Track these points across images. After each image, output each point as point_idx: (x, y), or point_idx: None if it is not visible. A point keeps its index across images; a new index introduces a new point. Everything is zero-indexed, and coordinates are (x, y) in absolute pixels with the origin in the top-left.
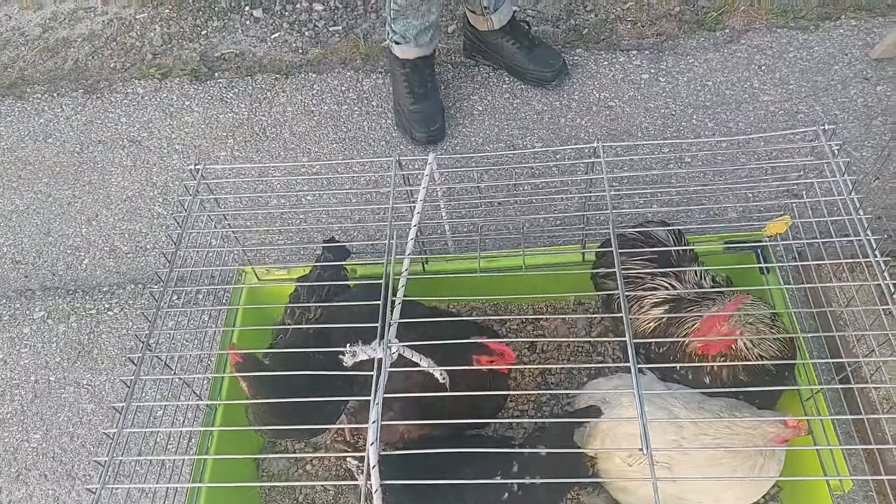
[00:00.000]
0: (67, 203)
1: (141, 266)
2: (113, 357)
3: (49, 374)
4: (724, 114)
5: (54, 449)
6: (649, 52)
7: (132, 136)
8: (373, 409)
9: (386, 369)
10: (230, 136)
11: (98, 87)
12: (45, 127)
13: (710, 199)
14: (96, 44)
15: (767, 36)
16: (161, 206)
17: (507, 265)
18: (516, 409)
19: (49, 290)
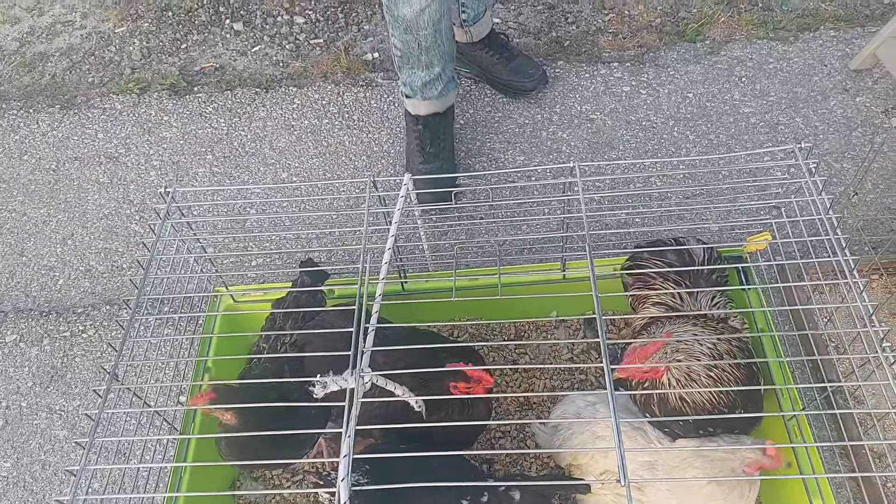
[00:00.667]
0: (42, 222)
1: (117, 286)
2: (87, 381)
3: (21, 399)
4: (704, 126)
5: (25, 478)
6: (630, 64)
7: (109, 153)
8: (344, 442)
9: (358, 400)
10: (209, 152)
11: (75, 103)
12: (21, 143)
13: (692, 214)
14: (74, 58)
15: (748, 47)
16: (138, 225)
17: (486, 283)
18: (498, 429)
19: (22, 311)
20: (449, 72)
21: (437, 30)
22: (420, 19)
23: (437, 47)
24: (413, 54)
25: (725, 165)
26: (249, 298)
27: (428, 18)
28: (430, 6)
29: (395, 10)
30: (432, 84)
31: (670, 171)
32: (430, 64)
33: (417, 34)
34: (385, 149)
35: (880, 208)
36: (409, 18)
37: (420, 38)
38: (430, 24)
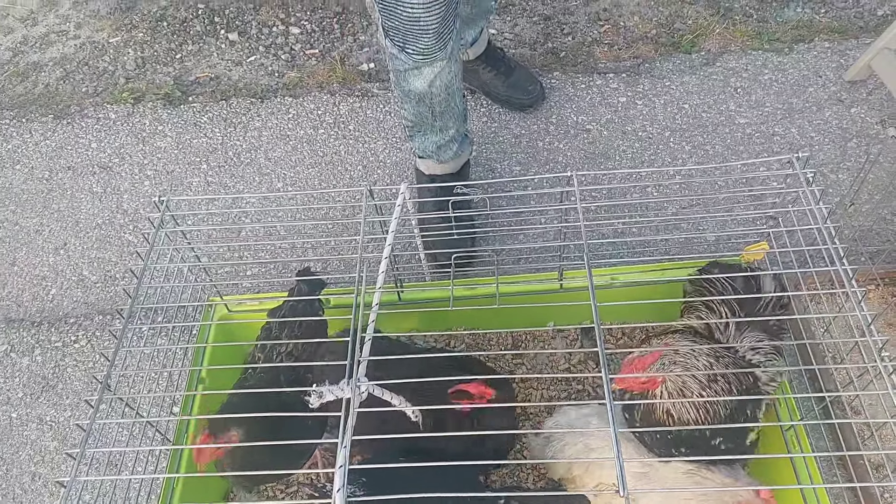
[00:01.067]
0: (35, 231)
1: (110, 296)
2: (78, 392)
3: (11, 410)
4: (700, 137)
5: (14, 489)
6: (626, 74)
7: (103, 162)
8: (340, 453)
9: (354, 410)
10: (203, 162)
11: (69, 112)
12: (14, 153)
13: (688, 224)
14: (68, 68)
15: (743, 58)
16: (132, 235)
17: (483, 293)
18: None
19: (13, 321)
20: (462, 130)
21: (449, 93)
22: (433, 88)
23: (450, 111)
24: (426, 122)
25: (722, 175)
26: (244, 308)
27: (440, 85)
28: (441, 73)
29: (405, 86)
30: (447, 146)
31: (667, 181)
32: (444, 128)
33: (431, 102)
34: (381, 159)
35: (876, 219)
36: (422, 90)
37: (434, 105)
38: (443, 90)
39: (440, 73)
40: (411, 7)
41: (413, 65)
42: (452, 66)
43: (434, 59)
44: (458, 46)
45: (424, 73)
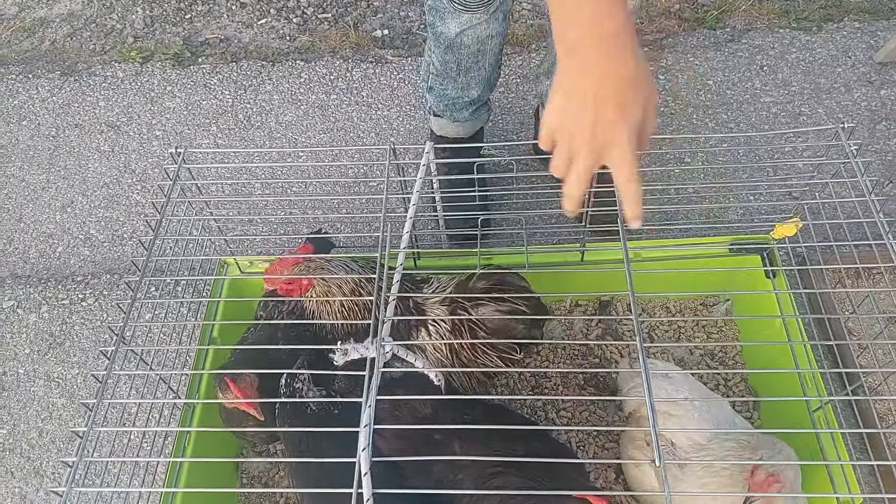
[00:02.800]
0: (41, 188)
1: (117, 255)
2: (86, 350)
3: (18, 366)
4: (724, 114)
5: (22, 445)
6: (649, 49)
7: (111, 121)
8: (364, 412)
9: (379, 369)
10: (213, 124)
11: (76, 70)
12: (20, 109)
13: (712, 200)
14: (75, 25)
15: (769, 36)
16: (139, 194)
17: (503, 263)
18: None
19: (20, 278)
20: (484, 97)
21: (481, 51)
22: (465, 38)
23: (476, 69)
24: (450, 75)
25: (753, 149)
26: (257, 270)
27: (473, 37)
28: (477, 26)
29: (439, 27)
30: (465, 107)
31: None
32: (466, 86)
33: (459, 53)
34: (395, 126)
35: None
36: (453, 37)
37: (461, 57)
38: (474, 43)
39: (476, 26)
40: None
41: (452, 8)
42: (492, 25)
43: (475, 10)
44: (506, 9)
45: (462, 19)
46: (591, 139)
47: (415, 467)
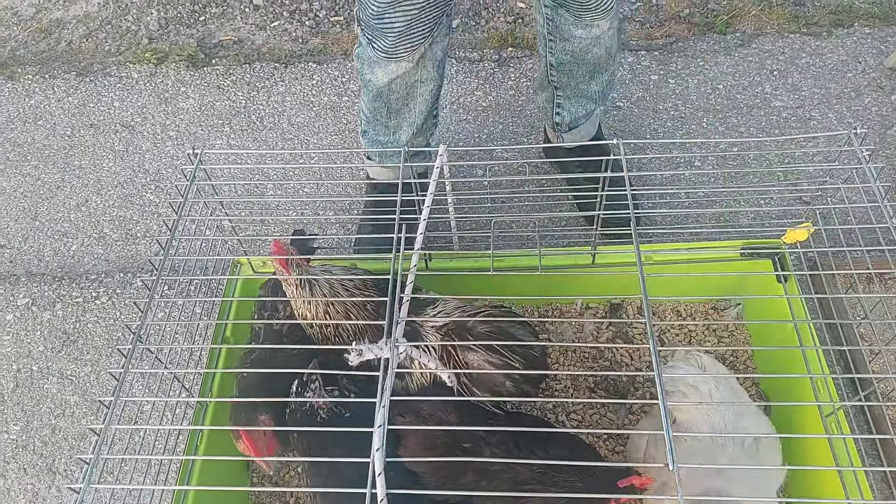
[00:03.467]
0: (56, 187)
1: (131, 254)
2: (99, 348)
3: (32, 363)
4: (734, 118)
5: (35, 442)
6: (658, 53)
7: (125, 121)
8: (378, 413)
9: (393, 370)
10: (226, 125)
11: (91, 70)
12: (36, 109)
13: (722, 205)
14: (91, 26)
15: (779, 41)
16: (153, 194)
17: (514, 265)
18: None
19: (34, 276)
20: (417, 143)
21: (410, 95)
22: (392, 85)
23: (406, 112)
24: (380, 120)
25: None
26: (268, 270)
27: (401, 84)
28: (404, 75)
29: (367, 75)
30: (396, 154)
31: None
32: (396, 128)
33: (388, 99)
34: None
35: None
36: (381, 85)
37: (390, 102)
38: (402, 90)
39: (404, 75)
40: (375, 3)
41: (376, 58)
42: (420, 72)
43: (399, 59)
44: (438, 58)
45: (388, 68)
46: None
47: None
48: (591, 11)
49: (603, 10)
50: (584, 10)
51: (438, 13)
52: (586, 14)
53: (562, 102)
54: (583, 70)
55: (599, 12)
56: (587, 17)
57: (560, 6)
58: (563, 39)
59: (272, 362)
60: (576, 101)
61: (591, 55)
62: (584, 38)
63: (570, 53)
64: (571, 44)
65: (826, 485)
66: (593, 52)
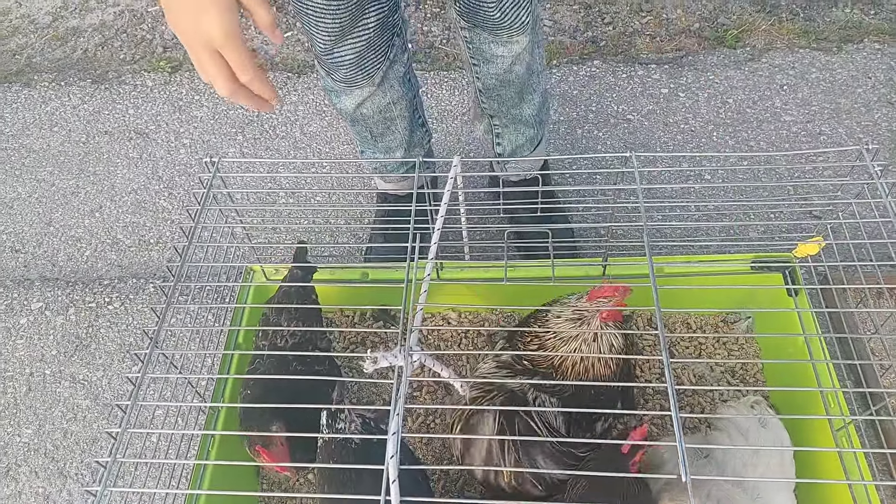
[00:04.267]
0: (71, 193)
1: (144, 261)
2: (111, 353)
3: (45, 367)
4: (745, 132)
5: (46, 445)
6: (669, 66)
7: (139, 129)
8: (392, 420)
9: (406, 378)
10: (240, 133)
11: (107, 78)
12: (52, 115)
13: (732, 218)
14: (106, 34)
15: (789, 56)
16: (167, 201)
17: (526, 276)
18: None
19: (48, 280)
20: (416, 154)
21: (387, 118)
22: (363, 110)
23: (392, 135)
24: (368, 141)
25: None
26: (280, 277)
27: (372, 108)
28: (370, 98)
29: (336, 103)
30: (395, 168)
31: (720, 166)
32: (388, 149)
33: (366, 123)
34: None
35: None
36: (351, 111)
37: (370, 126)
38: (376, 114)
39: (369, 98)
40: (322, 40)
41: (338, 88)
42: (388, 94)
43: (360, 87)
44: (400, 74)
45: (353, 95)
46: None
47: None
48: (507, 29)
49: (519, 26)
50: (500, 28)
51: (388, 39)
52: (503, 31)
53: (500, 132)
54: (510, 92)
55: (515, 28)
56: (504, 35)
57: (476, 26)
58: (485, 61)
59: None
60: (513, 129)
61: (513, 75)
62: (505, 57)
63: (494, 77)
64: (495, 65)
65: (837, 499)
66: (515, 70)
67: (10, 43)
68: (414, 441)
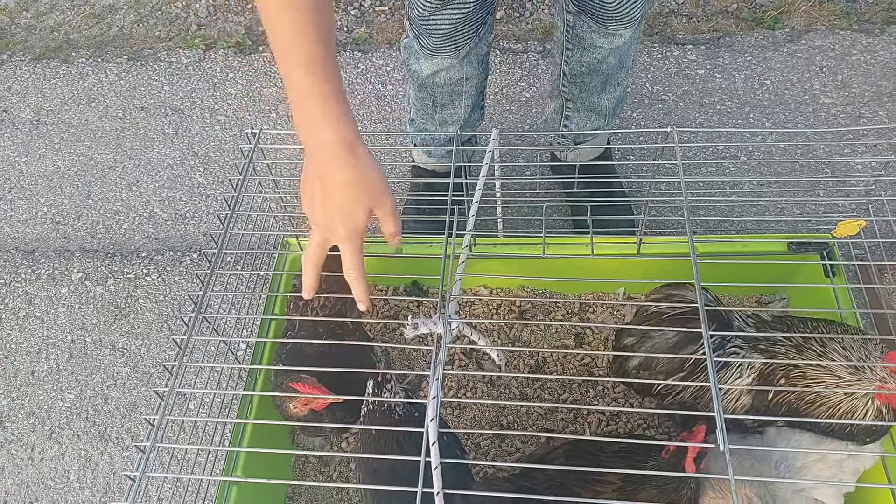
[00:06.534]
0: (109, 167)
1: (180, 234)
2: (150, 322)
3: (85, 335)
4: (782, 114)
5: (88, 410)
6: (705, 47)
7: (175, 105)
8: (432, 385)
9: (446, 345)
10: (273, 110)
11: (142, 55)
12: (89, 91)
13: (769, 198)
14: (141, 12)
15: (829, 37)
16: (202, 176)
17: (561, 252)
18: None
19: (88, 252)
20: (463, 138)
21: (455, 92)
22: (436, 78)
23: (453, 108)
24: (426, 110)
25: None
26: None
27: (445, 78)
28: (448, 69)
29: (412, 65)
30: (442, 143)
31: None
32: (443, 122)
33: (433, 91)
34: None
35: None
36: (424, 77)
37: (435, 95)
38: (446, 85)
39: (447, 69)
40: (422, 4)
41: (421, 53)
42: (465, 69)
43: (443, 56)
44: (482, 54)
45: (433, 62)
46: (316, 224)
47: None
48: (616, 20)
49: (630, 19)
50: (609, 18)
51: (482, 17)
52: (611, 22)
53: (570, 115)
54: (595, 81)
55: (626, 21)
56: (612, 26)
57: (584, 12)
58: (582, 49)
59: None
60: (585, 116)
61: (604, 66)
62: (603, 49)
63: (585, 65)
64: (590, 54)
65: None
66: (608, 62)
67: (48, 20)
68: (445, 414)
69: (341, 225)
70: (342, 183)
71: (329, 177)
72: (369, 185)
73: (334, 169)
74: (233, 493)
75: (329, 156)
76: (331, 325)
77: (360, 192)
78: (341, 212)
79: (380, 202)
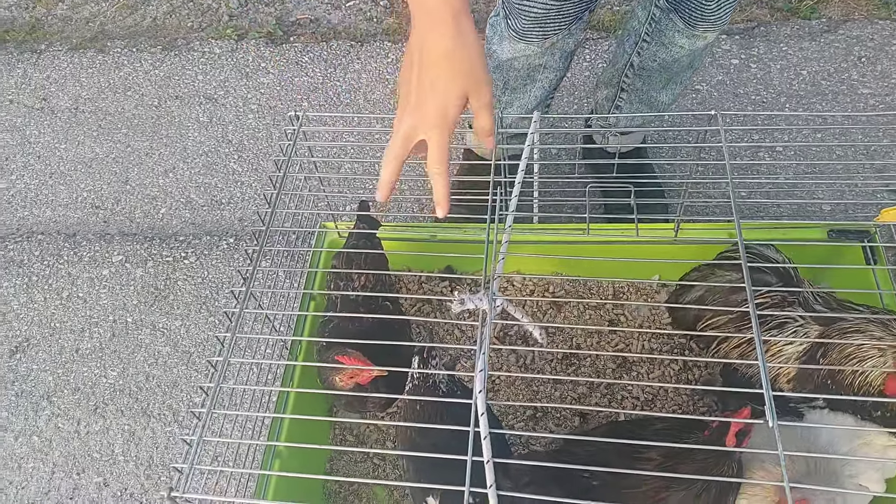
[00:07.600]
0: (145, 154)
1: (216, 219)
2: (188, 304)
3: (126, 315)
4: (819, 104)
5: (130, 386)
6: (739, 37)
7: (208, 94)
8: (479, 359)
9: (491, 320)
10: (304, 100)
11: (176, 45)
12: (125, 80)
13: (808, 186)
14: (174, 3)
15: (868, 28)
16: (237, 164)
17: (612, 238)
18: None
19: (127, 235)
20: (521, 125)
21: (530, 78)
22: (515, 62)
23: (522, 92)
24: (495, 91)
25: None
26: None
27: (524, 64)
28: (529, 56)
29: (493, 46)
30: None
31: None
32: (508, 103)
33: (507, 74)
34: None
35: None
36: (504, 59)
37: (509, 78)
38: (524, 69)
39: (528, 55)
40: None
41: (507, 34)
42: (545, 58)
43: (528, 42)
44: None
45: (516, 46)
46: (406, 107)
47: None
48: (706, 22)
49: (719, 23)
50: (701, 20)
51: (578, 11)
52: (702, 24)
53: (622, 105)
54: (661, 77)
55: (716, 24)
56: (700, 28)
57: (674, 10)
58: (660, 45)
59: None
60: (637, 108)
61: (676, 64)
62: (683, 48)
63: (658, 61)
64: (667, 52)
65: None
66: (681, 61)
67: (83, 11)
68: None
69: (433, 105)
70: (441, 55)
71: (427, 47)
72: (469, 64)
73: (435, 38)
74: (276, 464)
75: (431, 23)
76: (370, 303)
77: (458, 70)
78: (434, 88)
79: (476, 89)
